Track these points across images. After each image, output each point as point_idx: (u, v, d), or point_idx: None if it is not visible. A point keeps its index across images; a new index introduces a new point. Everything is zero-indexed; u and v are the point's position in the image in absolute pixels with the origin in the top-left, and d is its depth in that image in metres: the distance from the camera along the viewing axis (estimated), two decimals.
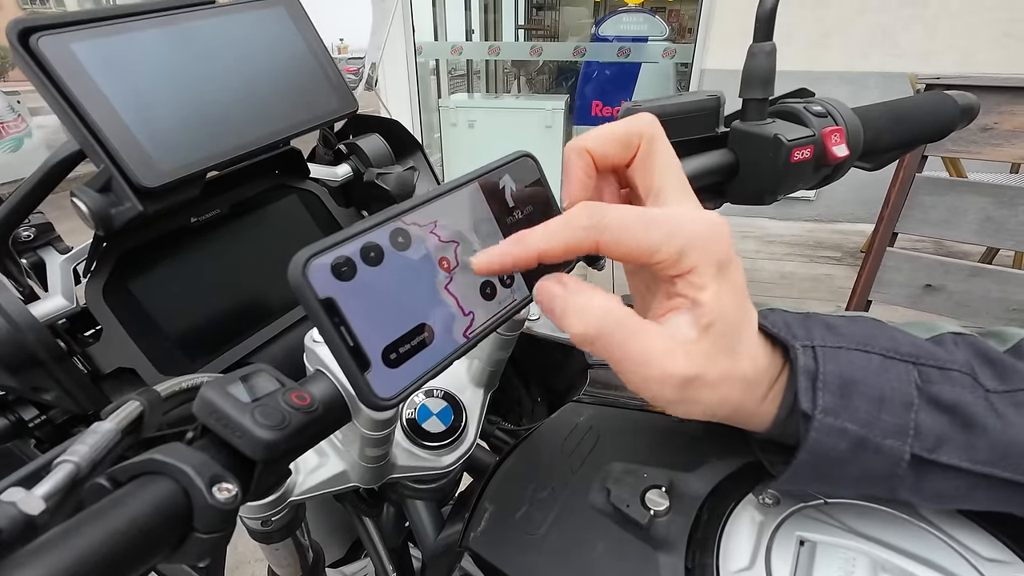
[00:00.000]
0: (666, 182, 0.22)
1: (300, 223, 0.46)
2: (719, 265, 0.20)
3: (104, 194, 0.30)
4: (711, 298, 0.20)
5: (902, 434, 0.21)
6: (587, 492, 0.30)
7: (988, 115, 1.36)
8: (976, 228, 1.47)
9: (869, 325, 0.24)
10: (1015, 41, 2.66)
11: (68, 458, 0.19)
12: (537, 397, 0.58)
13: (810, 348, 0.22)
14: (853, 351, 0.22)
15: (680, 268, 0.20)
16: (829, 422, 0.21)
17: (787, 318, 0.24)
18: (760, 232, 3.10)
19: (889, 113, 0.45)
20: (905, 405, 0.22)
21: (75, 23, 0.29)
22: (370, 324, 0.20)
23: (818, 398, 0.22)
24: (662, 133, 0.23)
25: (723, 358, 0.21)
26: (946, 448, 0.21)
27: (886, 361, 0.22)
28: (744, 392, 0.22)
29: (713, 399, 0.21)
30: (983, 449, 0.21)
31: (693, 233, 0.20)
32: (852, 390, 0.22)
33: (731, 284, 0.21)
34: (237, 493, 0.20)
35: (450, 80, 4.39)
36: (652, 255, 0.20)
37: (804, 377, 0.22)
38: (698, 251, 0.20)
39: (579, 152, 0.23)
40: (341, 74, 0.41)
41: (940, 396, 0.22)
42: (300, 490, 0.36)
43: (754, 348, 0.22)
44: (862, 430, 0.21)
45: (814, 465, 0.22)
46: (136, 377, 0.36)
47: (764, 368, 0.23)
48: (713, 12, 2.98)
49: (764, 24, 0.37)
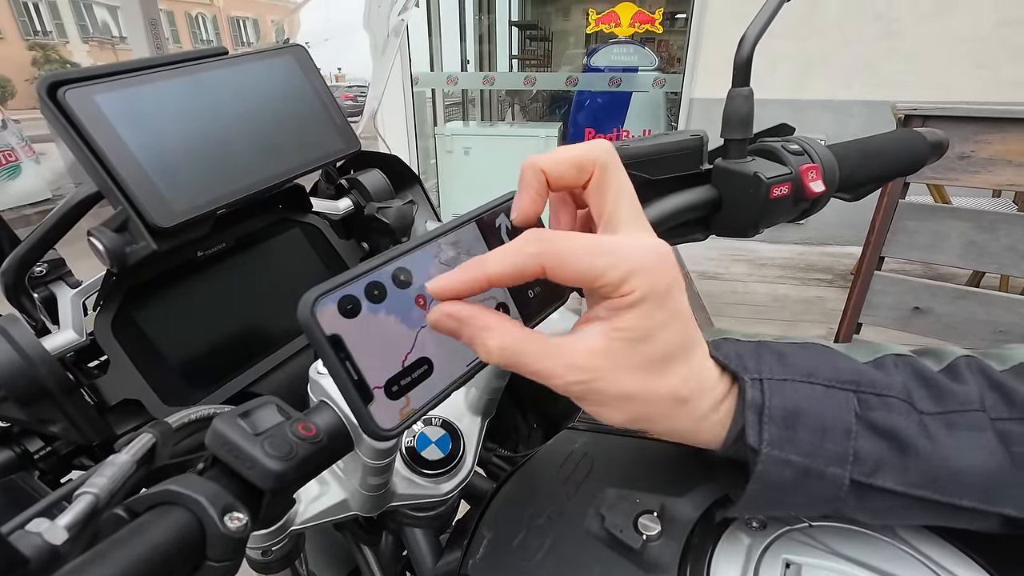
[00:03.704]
0: (617, 208, 0.23)
1: (302, 255, 0.48)
2: (660, 291, 0.21)
3: (120, 234, 0.32)
4: (634, 316, 0.21)
5: (842, 461, 0.23)
6: (582, 518, 0.31)
7: (965, 144, 1.41)
8: (960, 252, 1.51)
9: (816, 353, 0.25)
10: (987, 72, 2.77)
11: (88, 489, 0.20)
12: (533, 424, 0.59)
13: (758, 381, 0.24)
14: (798, 383, 0.24)
15: (620, 292, 0.21)
16: (775, 454, 0.23)
17: (740, 349, 0.25)
18: (752, 255, 3.14)
19: (863, 150, 0.47)
20: (845, 433, 0.23)
21: (99, 76, 0.31)
22: (373, 358, 0.21)
23: (764, 432, 0.23)
24: (616, 161, 0.24)
25: (638, 372, 0.22)
26: (882, 473, 0.23)
27: (828, 391, 0.24)
28: (674, 409, 0.23)
29: (631, 408, 0.22)
30: (915, 472, 0.23)
31: (637, 261, 0.21)
32: (796, 421, 0.23)
33: (669, 310, 0.21)
34: (248, 522, 0.21)
35: (446, 108, 4.48)
36: (595, 280, 0.21)
37: (751, 411, 0.23)
38: (640, 277, 0.21)
39: (534, 170, 0.23)
40: (345, 116, 0.43)
41: (877, 422, 0.23)
42: (301, 519, 0.37)
43: (695, 371, 0.23)
44: (806, 460, 0.23)
45: (764, 493, 0.24)
46: (141, 408, 0.37)
47: (708, 388, 0.24)
48: (700, 44, 3.08)
49: (741, 71, 0.40)
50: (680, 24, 4.47)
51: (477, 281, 0.21)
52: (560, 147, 0.24)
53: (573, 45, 5.97)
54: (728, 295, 2.68)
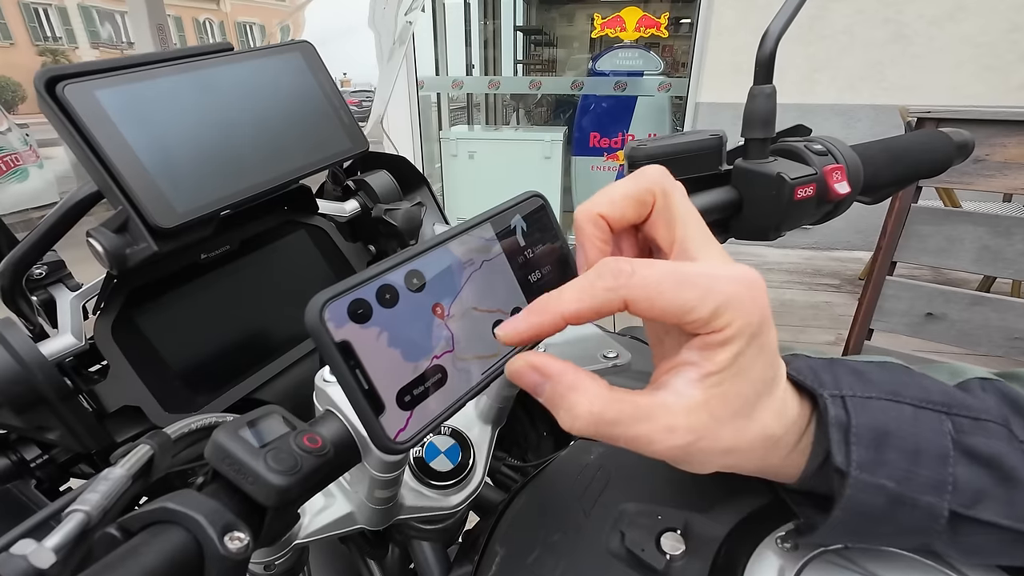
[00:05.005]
0: (688, 233, 0.21)
1: (308, 258, 0.47)
2: (754, 325, 0.19)
3: (120, 234, 0.31)
4: (727, 357, 0.19)
5: (940, 489, 0.20)
6: (600, 535, 0.30)
7: (980, 147, 1.38)
8: (974, 257, 1.48)
9: (897, 372, 0.23)
10: (996, 74, 2.74)
11: (79, 507, 0.19)
12: (543, 431, 0.58)
13: (839, 398, 0.21)
14: (884, 401, 0.22)
15: (712, 327, 0.19)
16: (865, 478, 0.20)
17: (813, 364, 0.23)
18: (758, 260, 3.12)
19: (887, 150, 0.46)
20: (940, 458, 0.21)
21: (100, 71, 0.30)
22: (385, 366, 0.20)
23: (852, 452, 0.21)
24: (675, 184, 0.22)
25: (736, 419, 0.20)
26: (985, 504, 0.20)
27: (918, 411, 0.21)
28: (767, 449, 0.21)
29: (728, 461, 0.21)
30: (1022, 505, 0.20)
31: (729, 293, 0.19)
32: (886, 443, 0.21)
33: (760, 346, 0.20)
34: (249, 543, 0.20)
35: (451, 112, 4.49)
36: (684, 315, 0.19)
37: (836, 429, 0.21)
38: (733, 311, 0.19)
39: (593, 220, 0.21)
40: (353, 115, 0.42)
41: (976, 448, 0.21)
42: (306, 532, 0.35)
43: (779, 402, 0.21)
44: (899, 486, 0.20)
45: (849, 522, 0.21)
46: (141, 415, 0.36)
47: (792, 420, 0.22)
48: (706, 48, 3.07)
49: (764, 68, 0.38)
50: (685, 29, 4.47)
51: (553, 323, 0.20)
52: (609, 186, 0.22)
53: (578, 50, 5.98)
54: None
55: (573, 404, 0.19)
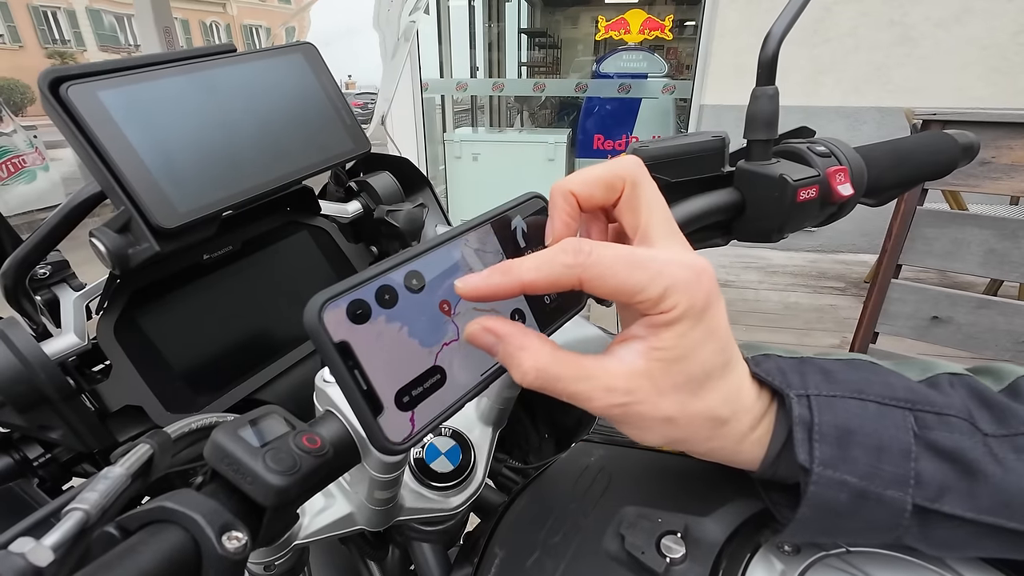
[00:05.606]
0: (651, 221, 0.23)
1: (310, 259, 0.47)
2: (699, 308, 0.20)
3: (122, 234, 0.31)
4: (672, 336, 0.20)
5: (903, 484, 0.21)
6: (600, 538, 0.30)
7: (986, 149, 1.37)
8: (980, 260, 1.47)
9: (864, 369, 0.24)
10: (1003, 76, 2.73)
11: (78, 506, 0.19)
12: (544, 433, 0.57)
13: (805, 397, 0.22)
14: (849, 399, 0.22)
15: (659, 308, 0.20)
16: (828, 475, 0.21)
17: (782, 364, 0.24)
18: (763, 263, 3.10)
19: (891, 152, 0.45)
20: (903, 453, 0.21)
21: (103, 72, 0.30)
22: (384, 367, 0.20)
23: (815, 450, 0.22)
24: (646, 175, 0.23)
25: (678, 393, 0.21)
26: (948, 497, 0.21)
27: (882, 408, 0.22)
28: (712, 430, 0.22)
29: (671, 433, 0.22)
30: (985, 497, 0.21)
31: (676, 277, 0.20)
32: (850, 440, 0.22)
33: (708, 330, 0.21)
34: (247, 542, 0.20)
35: (455, 114, 4.50)
36: (634, 295, 0.20)
37: (800, 428, 0.22)
38: (680, 294, 0.20)
39: (564, 194, 0.23)
40: (355, 116, 0.42)
41: (938, 443, 0.21)
42: (305, 533, 0.35)
43: (733, 390, 0.22)
44: (862, 482, 0.21)
45: (817, 518, 0.22)
46: (142, 414, 0.36)
47: (746, 408, 0.23)
48: (710, 50, 3.07)
49: (766, 69, 0.38)
50: (689, 31, 4.48)
51: (510, 286, 0.21)
52: (587, 167, 0.23)
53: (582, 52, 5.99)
54: (739, 303, 2.65)
55: (521, 361, 0.21)
